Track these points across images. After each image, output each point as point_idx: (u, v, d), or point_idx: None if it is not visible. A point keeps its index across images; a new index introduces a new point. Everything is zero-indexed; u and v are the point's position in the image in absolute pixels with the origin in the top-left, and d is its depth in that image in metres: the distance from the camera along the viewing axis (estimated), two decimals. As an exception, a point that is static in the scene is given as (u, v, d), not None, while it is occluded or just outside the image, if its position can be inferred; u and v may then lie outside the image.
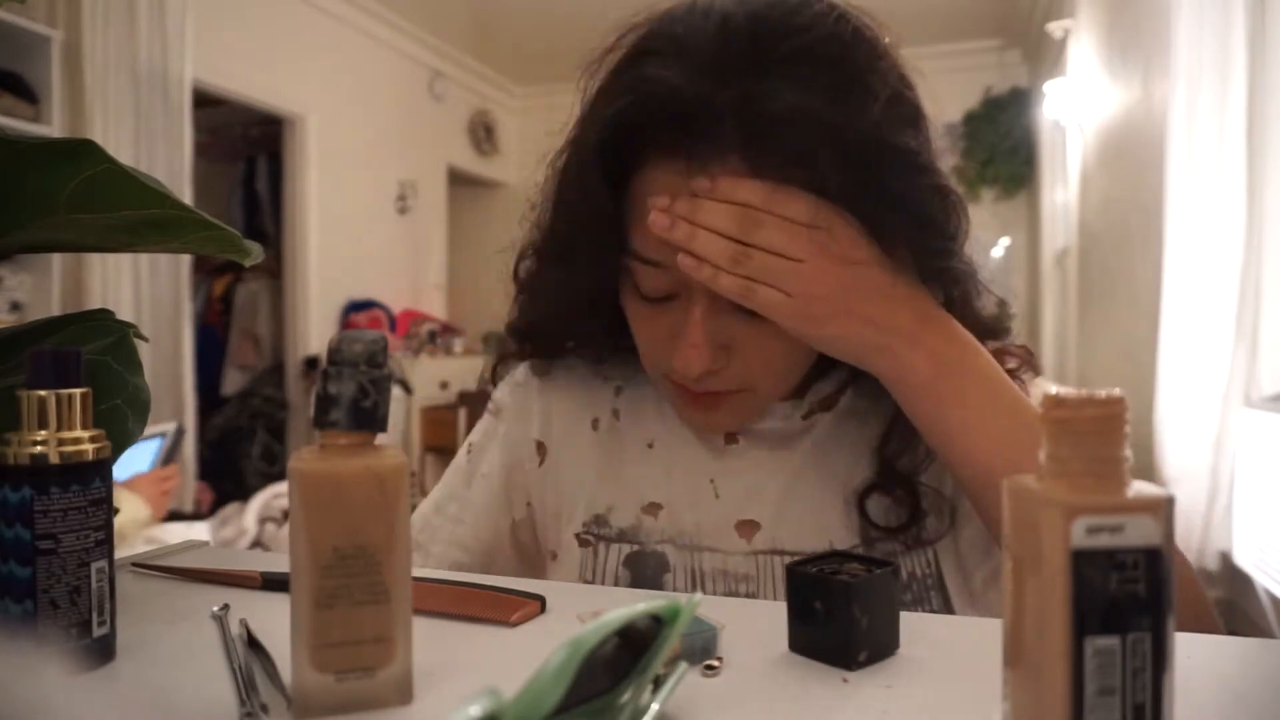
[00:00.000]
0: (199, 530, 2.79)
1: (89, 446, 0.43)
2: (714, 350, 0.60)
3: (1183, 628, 0.44)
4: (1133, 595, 0.29)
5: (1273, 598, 2.13)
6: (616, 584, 0.68)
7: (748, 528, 0.67)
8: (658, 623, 0.37)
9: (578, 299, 0.67)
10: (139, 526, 2.44)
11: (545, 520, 0.74)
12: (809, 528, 0.66)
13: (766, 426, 0.70)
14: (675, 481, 0.70)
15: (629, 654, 0.36)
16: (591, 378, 0.75)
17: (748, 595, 0.65)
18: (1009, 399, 0.58)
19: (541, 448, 0.74)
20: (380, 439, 0.40)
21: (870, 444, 0.67)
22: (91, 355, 0.51)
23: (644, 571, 0.68)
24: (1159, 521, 0.29)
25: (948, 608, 0.64)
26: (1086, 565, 0.29)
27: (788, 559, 0.65)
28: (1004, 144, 5.44)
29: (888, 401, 0.63)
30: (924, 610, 0.64)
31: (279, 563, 0.59)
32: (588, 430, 0.74)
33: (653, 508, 0.69)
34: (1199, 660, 0.42)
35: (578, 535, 0.70)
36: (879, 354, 0.58)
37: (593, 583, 0.68)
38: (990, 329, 0.66)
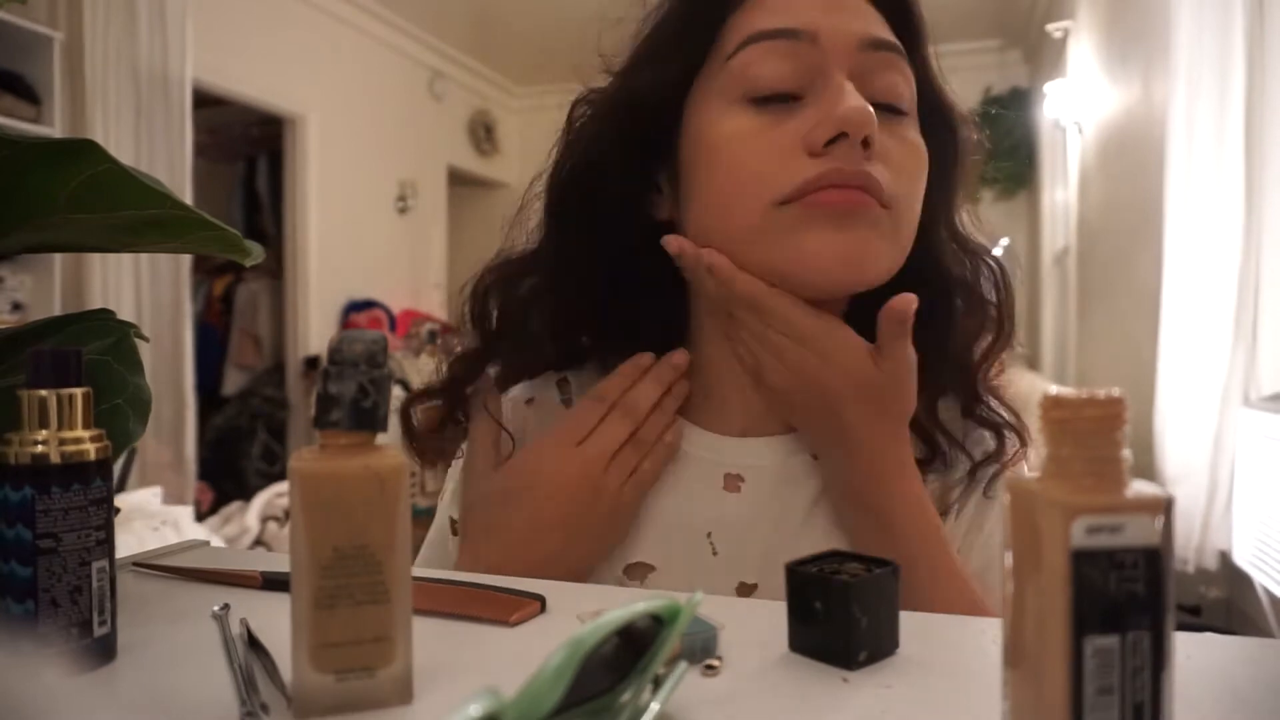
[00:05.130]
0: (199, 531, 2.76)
1: (90, 446, 0.43)
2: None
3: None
4: (1132, 595, 0.29)
5: (1272, 597, 2.13)
6: None
7: (747, 590, 0.61)
8: (658, 623, 0.37)
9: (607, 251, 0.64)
10: None
11: None
12: None
13: (768, 464, 0.64)
14: (669, 538, 0.62)
15: (629, 654, 0.36)
16: (564, 409, 0.69)
17: None
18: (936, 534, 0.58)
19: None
20: (380, 439, 0.40)
21: None
22: (92, 355, 0.51)
23: None
24: (1159, 521, 0.29)
25: None
26: (1086, 565, 0.29)
27: None
28: (1004, 144, 5.44)
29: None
30: None
31: (279, 562, 0.59)
32: None
33: (639, 570, 0.62)
34: (1199, 660, 0.42)
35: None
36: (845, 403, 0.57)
37: None
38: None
